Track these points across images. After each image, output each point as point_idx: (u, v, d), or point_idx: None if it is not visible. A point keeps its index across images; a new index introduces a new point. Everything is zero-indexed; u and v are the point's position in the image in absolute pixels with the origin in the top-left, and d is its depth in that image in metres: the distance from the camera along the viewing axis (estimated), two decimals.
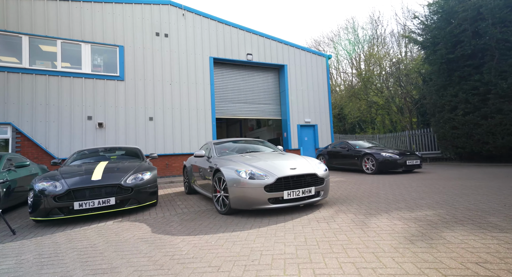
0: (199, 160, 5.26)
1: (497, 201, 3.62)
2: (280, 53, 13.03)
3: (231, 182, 3.58)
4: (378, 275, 1.74)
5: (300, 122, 13.15)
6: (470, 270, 1.71)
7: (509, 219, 2.73)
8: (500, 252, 1.93)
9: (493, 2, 9.58)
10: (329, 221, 3.16)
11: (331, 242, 2.42)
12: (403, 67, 18.41)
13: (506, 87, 9.74)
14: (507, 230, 2.41)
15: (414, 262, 1.88)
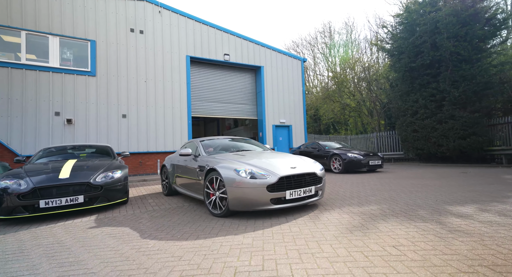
0: (182, 159, 4.93)
1: (433, 197, 4.18)
2: (257, 54, 13.33)
3: (230, 182, 3.36)
4: (315, 258, 2.08)
5: (275, 122, 13.57)
6: (386, 251, 2.10)
7: (434, 212, 3.23)
8: (414, 237, 2.36)
9: (448, 18, 10.59)
10: (287, 215, 3.49)
11: (284, 234, 2.75)
12: (374, 72, 19.55)
13: (457, 96, 10.82)
14: (428, 220, 2.88)
15: (346, 247, 2.24)
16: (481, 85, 10.52)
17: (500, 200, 3.72)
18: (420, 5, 12.25)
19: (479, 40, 10.57)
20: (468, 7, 10.55)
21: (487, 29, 10.62)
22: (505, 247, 2.04)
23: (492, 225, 2.59)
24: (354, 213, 3.39)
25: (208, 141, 5.03)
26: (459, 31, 10.52)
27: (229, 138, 5.46)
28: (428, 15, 11.57)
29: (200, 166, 4.18)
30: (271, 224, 3.12)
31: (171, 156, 5.74)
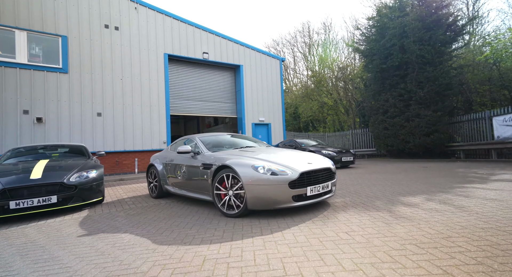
0: (179, 157, 4.56)
1: (391, 189, 4.62)
2: (236, 53, 13.46)
3: (248, 179, 3.14)
4: (277, 245, 2.33)
5: (255, 120, 13.82)
6: (339, 236, 2.40)
7: (388, 202, 3.62)
8: (365, 224, 2.70)
9: (414, 23, 11.34)
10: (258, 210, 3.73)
11: (253, 226, 2.98)
12: (350, 72, 20.35)
13: (422, 96, 11.66)
14: (381, 209, 3.25)
15: (305, 235, 2.52)
16: (443, 86, 11.41)
17: (446, 190, 4.21)
18: (390, 10, 12.98)
19: (441, 44, 11.43)
20: (432, 13, 11.36)
21: (448, 34, 11.51)
22: (434, 229, 2.41)
23: (431, 212, 2.99)
24: (320, 206, 3.70)
25: (207, 138, 4.68)
26: (424, 36, 11.31)
27: (228, 134, 5.09)
28: (397, 19, 12.31)
29: (204, 163, 3.87)
30: (240, 219, 3.34)
31: (159, 155, 5.28)
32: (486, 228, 2.36)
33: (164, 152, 5.29)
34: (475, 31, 15.69)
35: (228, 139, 4.85)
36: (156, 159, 5.28)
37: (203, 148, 4.28)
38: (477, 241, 2.08)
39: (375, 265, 1.80)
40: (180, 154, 4.52)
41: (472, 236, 2.19)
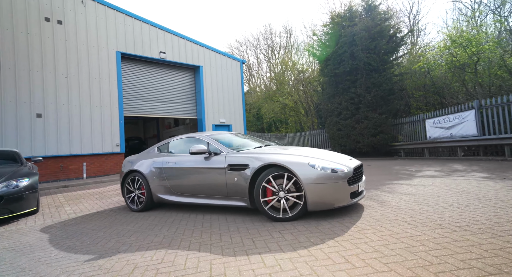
0: (185, 159, 3.95)
1: None
2: (196, 54, 13.28)
3: (308, 178, 2.88)
4: (212, 247, 2.42)
5: (215, 122, 13.77)
6: (271, 235, 2.59)
7: None
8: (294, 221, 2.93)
9: (361, 32, 12.35)
10: (205, 213, 3.80)
11: (188, 229, 3.04)
12: (308, 75, 21.33)
13: (370, 99, 12.73)
14: None
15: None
16: (386, 91, 12.61)
17: (377, 187, 4.72)
18: (342, 19, 13.94)
19: (384, 53, 12.61)
20: (376, 24, 12.48)
21: (390, 44, 12.75)
22: (353, 223, 2.72)
23: (357, 207, 3.36)
24: None
25: (218, 136, 4.14)
26: (370, 45, 12.38)
27: (230, 133, 4.58)
28: (347, 28, 13.26)
29: (233, 164, 3.40)
30: (180, 220, 3.37)
31: (142, 159, 4.46)
32: (393, 220, 2.73)
33: (150, 155, 4.46)
34: (416, 41, 17.62)
35: (237, 139, 4.34)
36: (139, 163, 4.39)
37: (223, 147, 3.71)
38: (381, 232, 2.41)
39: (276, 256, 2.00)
40: (186, 156, 3.97)
41: (380, 228, 2.53)
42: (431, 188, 4.21)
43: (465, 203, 3.18)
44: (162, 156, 4.29)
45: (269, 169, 3.10)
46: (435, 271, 1.66)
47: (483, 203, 3.13)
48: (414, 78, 13.44)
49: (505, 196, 3.42)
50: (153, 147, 4.62)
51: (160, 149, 4.51)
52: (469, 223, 2.46)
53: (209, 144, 3.86)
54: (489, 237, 2.11)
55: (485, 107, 8.68)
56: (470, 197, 3.47)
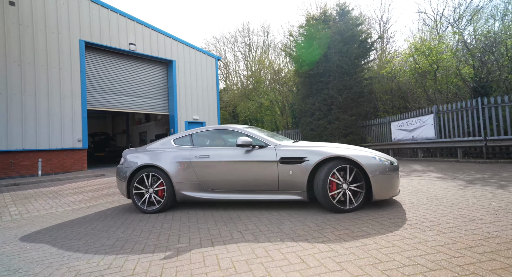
0: (220, 153, 3.65)
1: None
2: (169, 48, 12.79)
3: (374, 170, 3.06)
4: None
5: (188, 118, 13.41)
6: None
7: None
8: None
9: (334, 36, 12.72)
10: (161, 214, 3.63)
11: (137, 228, 2.88)
12: (284, 75, 21.58)
13: (341, 101, 13.17)
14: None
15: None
16: (357, 94, 13.12)
17: None
18: (317, 21, 14.25)
19: (355, 57, 13.10)
20: (349, 29, 12.92)
21: (361, 49, 13.28)
22: (293, 220, 2.76)
23: (303, 205, 3.42)
24: (206, 206, 3.81)
25: (251, 129, 3.94)
26: (342, 48, 12.79)
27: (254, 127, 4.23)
28: (322, 31, 13.59)
29: (286, 157, 3.31)
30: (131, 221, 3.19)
31: (164, 152, 3.87)
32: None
33: (168, 147, 3.94)
34: (385, 47, 18.56)
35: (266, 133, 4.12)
36: (155, 157, 3.83)
37: (270, 140, 3.57)
38: (339, 231, 2.46)
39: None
40: (221, 149, 3.67)
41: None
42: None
43: (418, 202, 3.37)
44: (188, 149, 3.80)
45: (333, 162, 3.13)
46: (383, 268, 1.70)
47: (433, 202, 3.33)
48: (382, 82, 14.14)
49: (453, 195, 3.67)
50: (166, 140, 4.07)
51: (179, 141, 3.98)
52: (419, 221, 2.59)
53: (248, 136, 3.64)
54: (434, 234, 2.23)
55: (442, 112, 9.36)
56: (423, 196, 3.68)
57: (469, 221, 2.50)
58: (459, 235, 2.17)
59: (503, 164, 7.18)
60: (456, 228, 2.33)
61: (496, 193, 3.63)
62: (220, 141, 3.96)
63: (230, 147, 3.66)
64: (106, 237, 2.79)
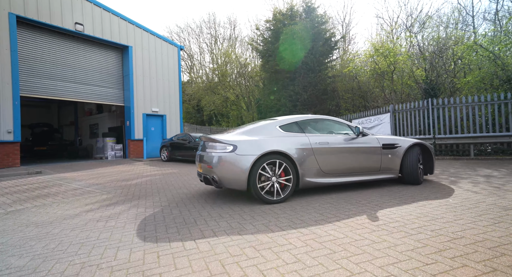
0: (335, 139, 3.90)
1: None
2: (124, 31, 11.57)
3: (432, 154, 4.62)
4: None
5: (147, 111, 12.38)
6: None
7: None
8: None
9: (301, 32, 12.75)
10: (112, 218, 3.09)
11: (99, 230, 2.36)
12: (251, 70, 21.27)
13: (306, 98, 13.33)
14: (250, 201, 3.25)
15: None
16: (321, 91, 13.40)
17: None
18: (284, 17, 14.16)
19: (320, 55, 13.34)
20: (314, 26, 13.06)
21: (325, 47, 13.55)
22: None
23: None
24: (162, 206, 3.40)
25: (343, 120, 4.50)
26: (308, 45, 12.90)
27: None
28: (288, 26, 13.53)
29: (386, 144, 4.20)
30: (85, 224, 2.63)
31: (287, 139, 3.60)
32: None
33: (279, 134, 3.65)
34: (347, 48, 19.30)
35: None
36: (283, 144, 3.53)
37: (365, 130, 4.29)
38: (306, 235, 2.24)
39: None
40: (333, 136, 3.98)
41: (304, 231, 2.36)
42: (341, 189, 4.41)
43: (382, 200, 3.33)
44: (303, 135, 3.77)
45: (415, 148, 4.30)
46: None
47: (395, 200, 3.33)
48: (344, 81, 14.65)
49: (413, 192, 3.75)
50: (270, 125, 3.78)
51: (286, 128, 3.80)
52: (386, 222, 2.49)
53: (349, 126, 4.25)
54: (402, 236, 2.13)
55: (398, 111, 9.93)
56: (389, 196, 3.69)
57: (432, 220, 2.47)
58: (426, 237, 2.09)
59: (449, 160, 7.83)
60: (422, 229, 2.26)
61: (450, 189, 3.78)
62: (324, 130, 4.17)
63: (339, 134, 4.06)
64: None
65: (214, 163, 3.35)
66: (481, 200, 3.12)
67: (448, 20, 13.96)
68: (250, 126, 3.85)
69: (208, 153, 3.51)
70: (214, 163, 3.35)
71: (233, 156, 3.31)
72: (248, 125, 3.97)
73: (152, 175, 6.74)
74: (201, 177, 3.72)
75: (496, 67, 8.85)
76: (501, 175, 4.89)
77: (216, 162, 3.34)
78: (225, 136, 3.59)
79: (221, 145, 3.40)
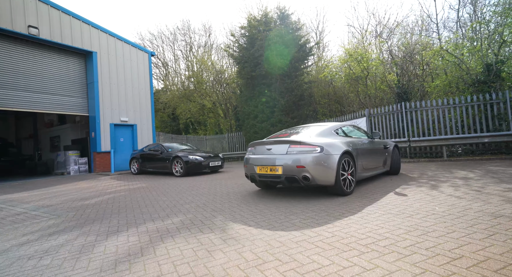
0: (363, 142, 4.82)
1: (228, 200, 4.45)
2: (87, 36, 10.77)
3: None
4: None
5: (115, 120, 11.52)
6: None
7: (230, 216, 3.29)
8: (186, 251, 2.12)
9: (275, 38, 12.70)
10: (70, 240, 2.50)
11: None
12: (228, 77, 20.94)
13: (283, 104, 13.19)
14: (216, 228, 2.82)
15: None
16: (298, 97, 13.34)
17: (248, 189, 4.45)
18: (258, 23, 14.07)
19: (295, 61, 13.34)
20: (289, 32, 13.08)
21: (300, 53, 13.59)
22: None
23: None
24: (147, 232, 2.89)
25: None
26: (283, 51, 12.85)
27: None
28: (263, 32, 13.43)
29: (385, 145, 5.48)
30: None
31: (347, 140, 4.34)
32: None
33: (336, 137, 4.34)
34: (322, 55, 19.67)
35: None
36: (348, 144, 4.17)
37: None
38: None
39: None
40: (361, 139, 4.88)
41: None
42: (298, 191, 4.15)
43: (367, 211, 3.07)
44: (348, 138, 4.53)
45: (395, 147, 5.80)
46: None
47: (381, 210, 3.08)
48: (320, 86, 14.77)
49: (395, 200, 3.54)
50: (328, 130, 4.44)
51: (337, 132, 4.54)
52: (375, 240, 2.19)
53: (365, 131, 5.52)
54: (395, 259, 1.82)
55: (373, 115, 10.05)
56: (369, 202, 3.44)
57: (424, 235, 2.21)
58: (422, 259, 1.80)
59: (424, 163, 7.93)
60: (415, 247, 1.98)
61: (433, 195, 3.62)
62: (351, 133, 4.89)
63: (363, 138, 5.02)
64: None
65: (308, 163, 3.63)
66: (467, 207, 2.95)
67: (412, 29, 14.71)
68: (315, 129, 4.44)
69: (295, 154, 3.77)
70: (308, 163, 3.63)
71: (323, 156, 3.69)
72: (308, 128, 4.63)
73: (117, 191, 6.06)
74: (281, 179, 3.85)
75: (461, 71, 9.26)
76: (477, 176, 4.89)
77: (310, 162, 3.62)
78: (302, 138, 4.01)
79: (310, 147, 3.75)
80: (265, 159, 4.02)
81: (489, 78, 8.46)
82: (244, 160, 4.45)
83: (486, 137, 7.66)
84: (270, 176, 3.95)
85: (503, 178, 4.55)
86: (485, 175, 4.93)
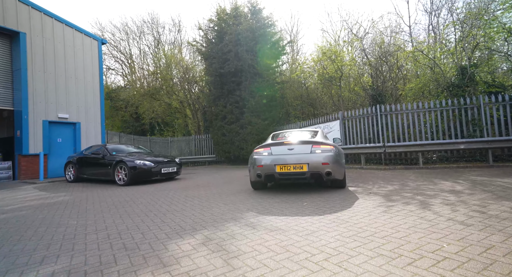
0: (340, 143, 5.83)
1: (183, 216, 3.24)
2: (13, 13, 8.87)
3: None
4: None
5: (51, 117, 9.64)
6: None
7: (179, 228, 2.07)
8: None
9: (245, 33, 11.68)
10: None
11: None
12: (196, 74, 19.49)
13: (254, 104, 12.16)
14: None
15: None
16: (269, 98, 12.40)
17: (225, 202, 3.32)
18: (228, 16, 12.98)
19: (267, 58, 12.42)
20: (261, 27, 12.14)
21: (273, 51, 12.72)
22: None
23: None
24: None
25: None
26: (254, 47, 11.86)
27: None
28: (233, 26, 12.35)
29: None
30: None
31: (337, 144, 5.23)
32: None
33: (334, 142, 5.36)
34: (296, 58, 19.06)
35: None
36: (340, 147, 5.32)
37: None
38: None
39: None
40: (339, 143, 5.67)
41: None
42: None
43: (345, 246, 2.04)
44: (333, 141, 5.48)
45: None
46: None
47: (366, 245, 2.07)
48: (293, 88, 14.00)
49: (382, 226, 2.58)
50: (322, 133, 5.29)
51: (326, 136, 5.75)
52: None
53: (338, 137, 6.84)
54: None
55: (347, 118, 9.36)
56: (347, 229, 2.42)
57: None
58: None
59: (401, 170, 7.30)
60: None
61: (429, 219, 2.72)
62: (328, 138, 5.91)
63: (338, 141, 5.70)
64: None
65: (331, 160, 4.14)
66: (486, 244, 2.04)
67: (385, 30, 14.58)
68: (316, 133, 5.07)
69: (319, 153, 4.20)
70: (331, 160, 4.14)
71: (338, 154, 4.35)
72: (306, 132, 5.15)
73: (21, 208, 4.51)
74: (305, 175, 4.15)
75: (435, 74, 8.91)
76: (466, 189, 4.18)
77: (332, 159, 4.16)
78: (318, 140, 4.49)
79: (330, 147, 4.31)
80: (288, 158, 4.23)
81: (463, 81, 8.15)
82: (257, 161, 4.41)
83: (462, 143, 7.23)
84: (294, 174, 4.17)
85: (496, 192, 3.86)
86: (474, 188, 4.24)
